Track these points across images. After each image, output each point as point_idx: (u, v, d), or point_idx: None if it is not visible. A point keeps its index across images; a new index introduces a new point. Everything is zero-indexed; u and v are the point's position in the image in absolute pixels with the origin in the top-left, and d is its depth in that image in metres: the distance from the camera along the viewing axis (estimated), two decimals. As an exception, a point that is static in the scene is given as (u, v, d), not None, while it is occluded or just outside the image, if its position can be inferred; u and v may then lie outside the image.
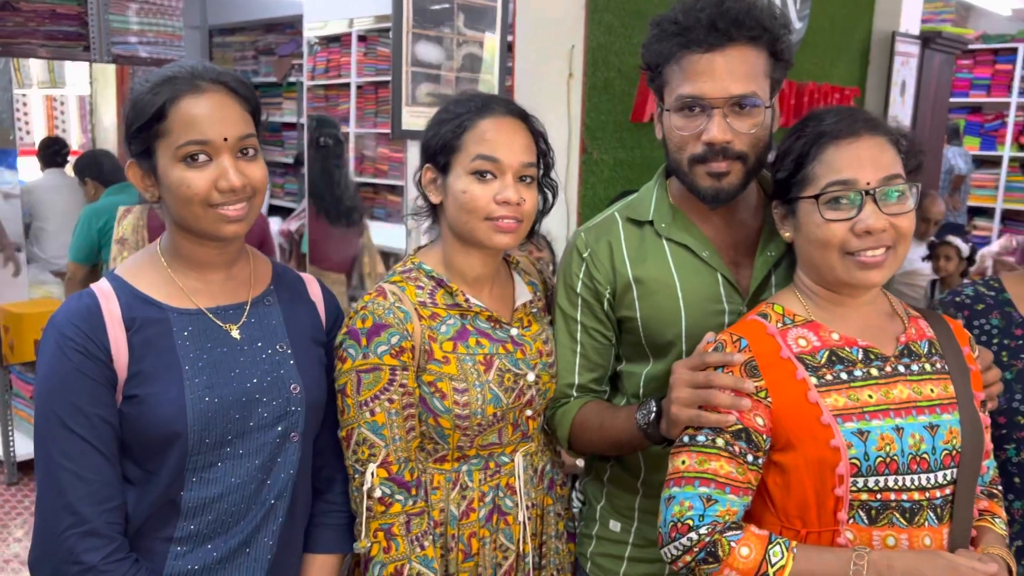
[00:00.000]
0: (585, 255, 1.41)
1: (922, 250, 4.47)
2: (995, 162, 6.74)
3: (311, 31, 6.00)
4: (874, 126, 1.19)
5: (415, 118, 2.23)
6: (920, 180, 1.22)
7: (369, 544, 1.29)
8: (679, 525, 1.14)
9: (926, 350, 1.23)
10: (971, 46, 6.79)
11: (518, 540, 1.40)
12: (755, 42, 1.26)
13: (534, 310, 1.47)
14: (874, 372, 1.18)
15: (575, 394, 1.45)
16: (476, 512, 1.37)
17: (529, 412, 1.41)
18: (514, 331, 1.42)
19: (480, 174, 1.32)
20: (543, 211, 1.44)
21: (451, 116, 1.37)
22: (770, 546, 1.12)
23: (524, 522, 1.40)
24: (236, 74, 1.20)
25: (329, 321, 1.38)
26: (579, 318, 1.43)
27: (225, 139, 1.16)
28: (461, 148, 1.33)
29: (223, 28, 7.67)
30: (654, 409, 1.27)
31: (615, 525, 1.46)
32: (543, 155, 1.40)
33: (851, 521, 1.14)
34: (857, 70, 4.32)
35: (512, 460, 1.41)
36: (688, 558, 1.14)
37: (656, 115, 1.37)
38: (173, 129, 1.15)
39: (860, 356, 1.19)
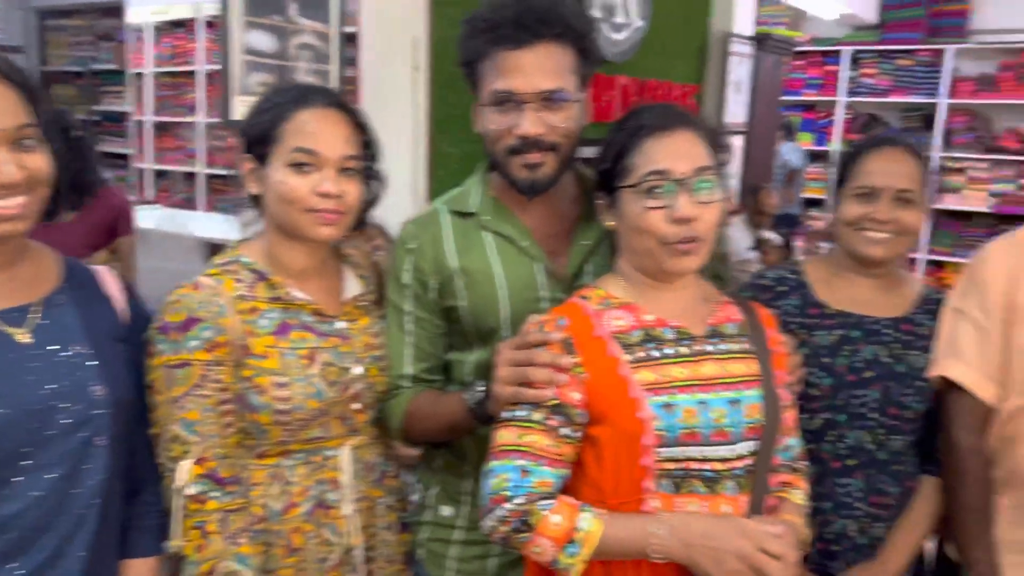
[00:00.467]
0: (411, 247, 1.43)
1: (749, 240, 4.75)
2: (827, 156, 7.24)
3: (146, 16, 5.71)
4: (687, 121, 1.27)
5: (247, 108, 2.17)
6: (725, 172, 1.31)
7: (183, 543, 1.26)
8: (496, 497, 1.18)
9: (734, 332, 1.32)
10: (802, 48, 7.27)
11: (345, 534, 1.40)
12: (561, 39, 1.31)
13: (364, 303, 1.47)
14: (683, 350, 1.26)
15: (408, 385, 1.46)
16: (298, 507, 1.36)
17: (357, 406, 1.41)
18: (340, 324, 1.41)
19: (299, 166, 1.31)
20: (370, 201, 1.45)
21: (269, 106, 1.35)
22: (580, 513, 1.17)
23: (351, 516, 1.40)
24: (5, 58, 1.13)
25: (129, 315, 1.32)
26: (409, 309, 1.44)
27: (1, 130, 1.09)
28: (279, 139, 1.32)
29: (54, 10, 7.19)
30: (481, 389, 1.31)
31: (446, 510, 1.49)
32: (367, 145, 1.40)
33: (656, 490, 1.21)
34: (696, 68, 4.52)
35: (338, 454, 1.40)
36: (504, 528, 1.18)
37: (475, 110, 1.41)
38: None
39: (671, 336, 1.27)
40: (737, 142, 4.87)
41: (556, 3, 1.32)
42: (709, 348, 1.28)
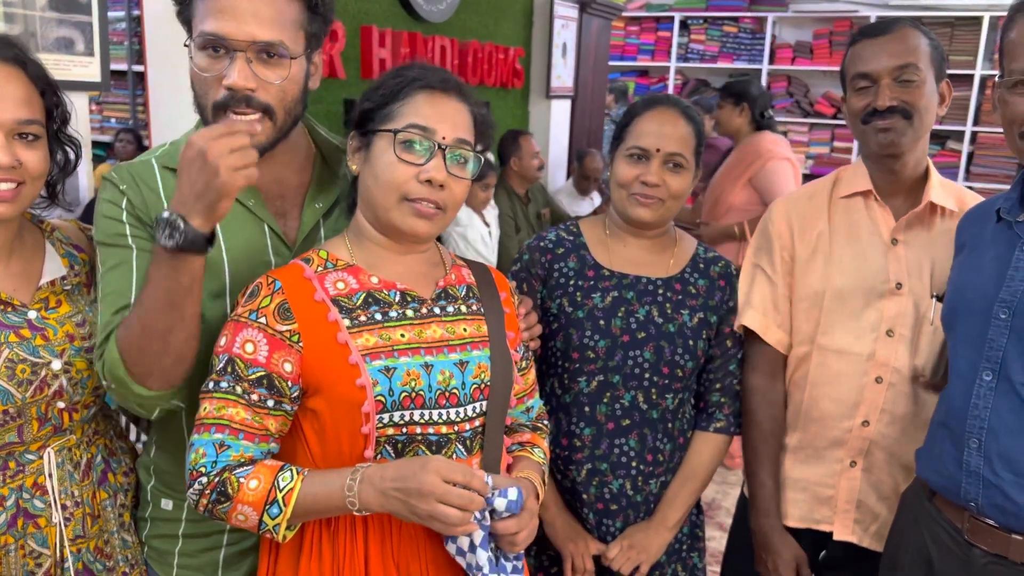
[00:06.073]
0: (122, 188, 1.25)
1: (586, 205, 4.81)
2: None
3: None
4: (462, 92, 1.23)
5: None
6: (481, 157, 1.25)
7: None
8: (193, 472, 1.12)
9: (463, 294, 1.28)
10: (637, 14, 7.40)
11: (54, 545, 1.27)
12: None
13: (68, 287, 1.31)
14: (409, 313, 1.21)
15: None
16: None
17: (61, 404, 1.27)
18: (32, 314, 1.26)
19: None
20: (64, 169, 1.29)
21: None
22: (280, 473, 1.12)
23: (60, 524, 1.27)
24: None
25: None
26: (131, 244, 1.23)
27: None
28: None
29: None
30: (175, 215, 1.08)
31: (167, 504, 1.36)
32: (55, 106, 1.24)
33: (378, 457, 1.17)
34: (521, 31, 4.49)
35: (40, 457, 1.26)
36: (204, 501, 1.12)
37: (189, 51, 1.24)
38: None
39: (397, 298, 1.21)
40: (564, 106, 4.89)
41: None
42: (436, 311, 1.24)
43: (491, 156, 4.00)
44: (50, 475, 1.26)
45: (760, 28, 6.99)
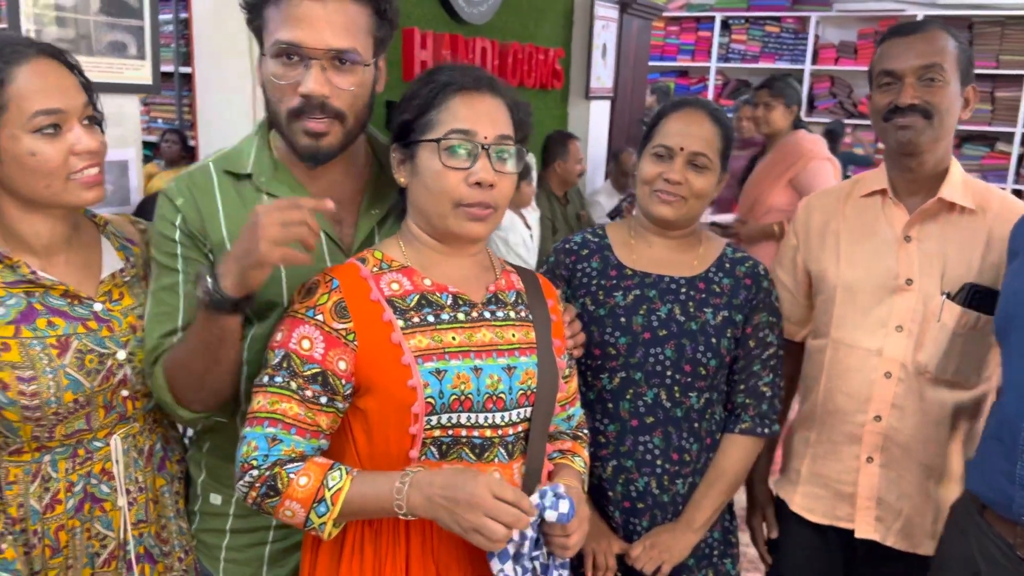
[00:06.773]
0: (178, 203, 1.28)
1: (614, 202, 4.78)
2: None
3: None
4: (495, 87, 1.23)
5: None
6: (523, 148, 1.26)
7: None
8: (244, 464, 1.14)
9: (513, 300, 1.29)
10: (677, 14, 7.35)
11: (118, 528, 1.31)
12: None
13: (127, 279, 1.35)
14: (460, 316, 1.22)
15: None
16: (63, 504, 1.26)
17: (125, 393, 1.30)
18: (98, 306, 1.29)
19: (40, 131, 1.18)
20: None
21: None
22: (330, 472, 1.14)
23: (124, 508, 1.31)
24: None
25: None
26: (180, 267, 1.28)
27: None
28: (5, 105, 1.17)
29: None
30: (208, 275, 1.14)
31: (216, 498, 1.39)
32: (87, 90, 1.28)
33: (422, 458, 1.18)
34: (561, 32, 4.48)
35: (107, 444, 1.30)
36: (253, 494, 1.14)
37: (257, 59, 1.28)
38: None
39: (449, 301, 1.22)
40: (604, 107, 4.88)
41: None
42: (487, 315, 1.24)
43: (532, 157, 4.00)
44: (117, 461, 1.30)
45: (803, 28, 6.90)
